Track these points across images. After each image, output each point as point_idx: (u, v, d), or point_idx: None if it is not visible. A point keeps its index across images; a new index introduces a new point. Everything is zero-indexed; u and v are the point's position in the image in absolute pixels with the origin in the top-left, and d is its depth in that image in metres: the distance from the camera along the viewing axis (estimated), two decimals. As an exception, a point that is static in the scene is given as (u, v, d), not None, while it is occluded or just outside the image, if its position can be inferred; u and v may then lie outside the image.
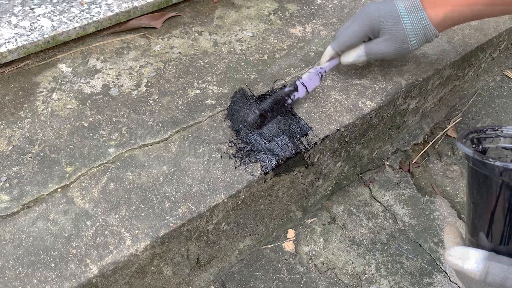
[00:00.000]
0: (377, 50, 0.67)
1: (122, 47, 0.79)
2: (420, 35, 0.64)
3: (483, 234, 0.42)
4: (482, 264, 0.39)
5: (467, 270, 0.40)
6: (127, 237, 0.55)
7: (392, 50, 0.66)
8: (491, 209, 0.41)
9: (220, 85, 0.74)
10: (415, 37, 0.64)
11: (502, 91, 1.03)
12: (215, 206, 0.60)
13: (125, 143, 0.64)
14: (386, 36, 0.65)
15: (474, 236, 0.43)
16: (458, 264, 0.40)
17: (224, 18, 0.87)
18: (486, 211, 0.41)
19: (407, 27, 0.64)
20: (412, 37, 0.64)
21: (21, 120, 0.66)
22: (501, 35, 0.93)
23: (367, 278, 0.72)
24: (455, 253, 0.41)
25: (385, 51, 0.66)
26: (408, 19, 0.63)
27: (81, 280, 0.51)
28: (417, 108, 0.87)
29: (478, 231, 0.43)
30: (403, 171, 0.87)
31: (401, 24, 0.64)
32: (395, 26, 0.64)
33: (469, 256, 0.40)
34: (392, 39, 0.65)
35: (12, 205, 0.56)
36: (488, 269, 0.38)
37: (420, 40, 0.65)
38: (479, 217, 0.42)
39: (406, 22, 0.63)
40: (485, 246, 0.42)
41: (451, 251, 0.42)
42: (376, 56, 0.67)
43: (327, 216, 0.79)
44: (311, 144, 0.67)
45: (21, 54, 0.73)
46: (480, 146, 0.46)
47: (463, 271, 0.40)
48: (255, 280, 0.70)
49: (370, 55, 0.68)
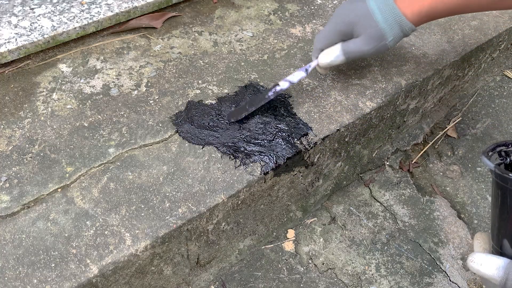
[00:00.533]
0: (354, 48, 0.65)
1: (122, 47, 0.79)
2: (396, 31, 0.64)
3: (507, 242, 0.44)
4: (502, 271, 0.41)
5: (488, 276, 0.42)
6: (127, 237, 0.55)
7: (369, 48, 0.65)
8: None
9: (220, 85, 0.74)
10: (391, 33, 0.64)
11: (502, 91, 1.03)
12: (215, 206, 0.60)
13: (125, 143, 0.64)
14: (362, 35, 0.65)
15: (498, 244, 0.45)
16: (480, 270, 0.43)
17: (224, 18, 0.87)
18: (509, 221, 0.44)
19: (381, 24, 0.63)
20: (388, 34, 0.64)
21: (21, 120, 0.66)
22: (501, 35, 0.93)
23: (367, 278, 0.72)
24: (477, 260, 0.44)
25: (363, 49, 0.65)
26: (381, 16, 0.63)
27: (81, 280, 0.51)
28: (417, 108, 0.87)
29: (502, 239, 0.45)
30: (403, 171, 0.87)
31: (374, 21, 0.63)
32: (369, 24, 0.63)
33: (491, 263, 0.42)
34: (368, 37, 0.64)
35: (12, 205, 0.56)
36: (508, 275, 0.41)
37: (396, 35, 0.64)
38: (502, 226, 0.45)
39: (379, 19, 0.63)
40: (508, 254, 0.44)
41: (474, 257, 0.44)
42: (354, 55, 0.66)
43: (327, 216, 0.79)
44: (311, 144, 0.67)
45: (21, 54, 0.73)
46: (508, 159, 0.47)
47: (485, 276, 0.43)
48: (255, 280, 0.70)
49: (348, 54, 0.66)
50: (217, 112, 0.69)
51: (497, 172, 0.43)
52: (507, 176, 0.42)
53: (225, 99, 0.71)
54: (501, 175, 0.43)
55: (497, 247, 0.45)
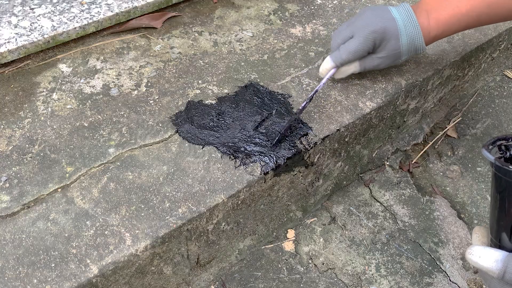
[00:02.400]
0: (371, 65, 0.70)
1: (122, 47, 0.79)
2: (411, 52, 0.69)
3: (506, 235, 0.44)
4: (501, 264, 0.42)
5: (487, 268, 0.43)
6: (127, 237, 0.55)
7: (384, 66, 0.71)
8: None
9: (220, 85, 0.74)
10: (407, 54, 0.69)
11: (502, 91, 1.03)
12: (215, 206, 0.60)
13: (125, 143, 0.64)
14: (383, 54, 0.68)
15: (497, 237, 0.46)
16: (478, 262, 0.44)
17: (224, 18, 0.87)
18: (508, 214, 0.44)
19: (403, 46, 0.67)
20: (404, 55, 0.69)
21: (21, 120, 0.66)
22: (501, 35, 0.93)
23: (367, 278, 0.72)
24: (476, 252, 0.44)
25: (378, 66, 0.71)
26: (406, 38, 0.66)
27: (81, 280, 0.51)
28: (417, 108, 0.87)
29: (500, 232, 0.45)
30: (403, 171, 0.87)
31: (399, 43, 0.67)
32: (393, 46, 0.67)
33: (490, 256, 0.43)
34: (387, 57, 0.68)
35: (12, 205, 0.56)
36: (506, 268, 0.41)
37: (410, 56, 0.70)
38: (501, 219, 0.45)
39: (403, 41, 0.66)
40: (506, 247, 0.44)
41: (472, 250, 0.45)
42: (368, 69, 0.72)
43: (327, 216, 0.79)
44: (311, 144, 0.67)
45: (21, 54, 0.73)
46: (508, 153, 0.48)
47: (483, 269, 0.43)
48: (255, 280, 0.70)
49: (364, 69, 0.71)
50: (217, 112, 0.69)
51: (497, 164, 0.43)
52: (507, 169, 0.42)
53: (225, 99, 0.71)
54: (501, 167, 0.43)
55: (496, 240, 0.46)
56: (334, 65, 0.70)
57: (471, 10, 0.64)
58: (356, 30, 0.67)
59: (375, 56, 0.69)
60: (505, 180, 0.43)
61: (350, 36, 0.68)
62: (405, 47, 0.67)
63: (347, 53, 0.67)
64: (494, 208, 0.46)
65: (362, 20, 0.67)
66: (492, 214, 0.46)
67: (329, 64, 0.70)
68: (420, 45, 0.67)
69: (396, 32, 0.66)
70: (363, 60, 0.70)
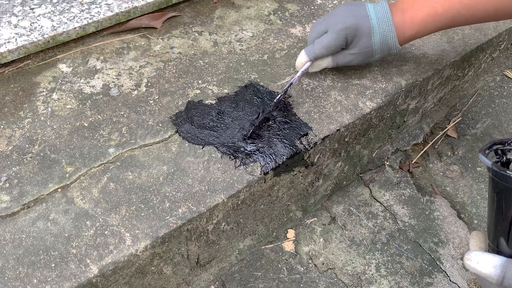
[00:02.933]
0: (343, 61, 0.71)
1: (122, 47, 0.79)
2: (384, 51, 0.69)
3: (503, 240, 0.44)
4: (499, 269, 0.42)
5: (485, 274, 0.43)
6: (127, 237, 0.55)
7: (356, 63, 0.71)
8: (510, 217, 0.43)
9: (220, 85, 0.74)
10: (380, 53, 0.69)
11: (502, 91, 1.03)
12: (215, 206, 0.60)
13: (125, 143, 0.64)
14: (354, 50, 0.68)
15: (494, 242, 0.45)
16: (477, 268, 0.43)
17: (224, 18, 0.87)
18: (505, 219, 0.44)
19: (376, 45, 0.67)
20: (377, 53, 0.69)
21: (21, 120, 0.66)
22: (501, 35, 0.93)
23: (367, 278, 0.72)
24: (474, 258, 0.44)
25: (350, 63, 0.71)
26: (379, 37, 0.66)
27: (81, 280, 0.51)
28: (417, 108, 0.87)
29: (498, 237, 0.45)
30: (403, 171, 0.87)
31: (371, 41, 0.67)
32: (365, 43, 0.67)
33: (488, 261, 0.43)
34: (359, 54, 0.69)
35: (12, 205, 0.56)
36: (505, 273, 0.41)
37: (383, 54, 0.70)
38: (499, 224, 0.45)
39: (376, 39, 0.67)
40: (504, 252, 0.44)
41: (470, 255, 0.44)
42: (341, 65, 0.72)
43: (327, 216, 0.79)
44: (311, 144, 0.67)
45: (21, 54, 0.73)
46: (504, 158, 0.48)
47: (481, 275, 0.43)
48: (255, 280, 0.70)
49: (336, 65, 0.72)
50: (217, 112, 0.69)
51: (494, 169, 0.43)
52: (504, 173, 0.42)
53: (225, 99, 0.71)
54: (498, 172, 0.43)
55: (494, 245, 0.45)
56: (308, 59, 0.70)
57: (447, 11, 0.64)
58: (330, 26, 0.67)
59: (347, 52, 0.69)
60: (502, 185, 0.43)
61: (324, 31, 0.68)
62: (378, 45, 0.67)
63: (320, 47, 0.68)
64: (491, 213, 0.46)
65: (336, 16, 0.67)
66: (490, 219, 0.46)
67: (303, 57, 0.71)
68: (393, 44, 0.67)
69: (368, 30, 0.66)
70: (336, 55, 0.70)
